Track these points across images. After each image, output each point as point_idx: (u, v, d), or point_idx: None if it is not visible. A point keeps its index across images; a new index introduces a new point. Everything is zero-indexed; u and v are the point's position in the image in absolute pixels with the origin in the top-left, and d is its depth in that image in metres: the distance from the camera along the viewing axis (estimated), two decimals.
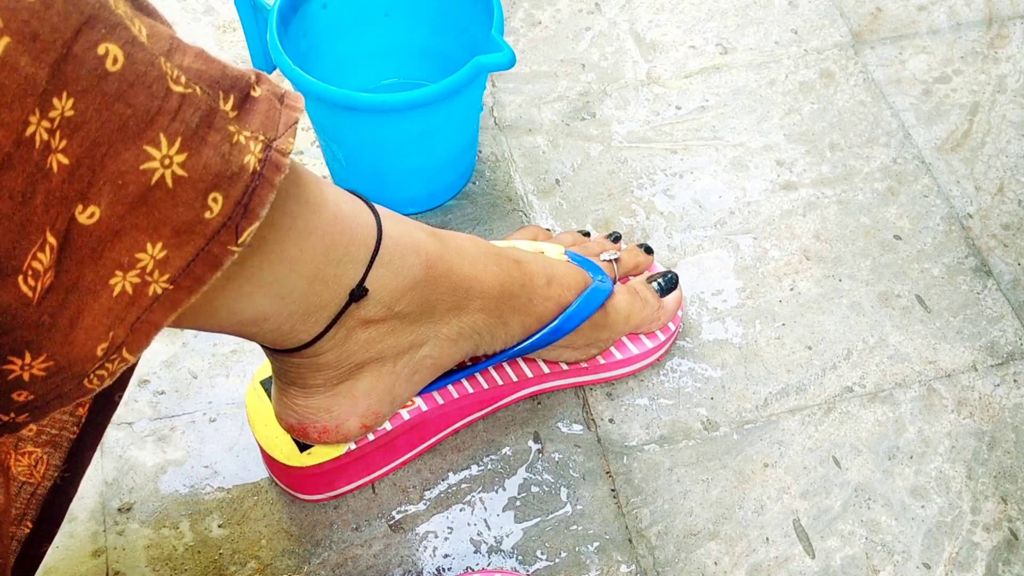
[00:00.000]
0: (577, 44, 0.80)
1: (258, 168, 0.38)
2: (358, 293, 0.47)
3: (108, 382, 0.37)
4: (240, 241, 0.38)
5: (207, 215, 0.37)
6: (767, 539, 0.58)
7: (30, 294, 0.33)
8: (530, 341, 0.57)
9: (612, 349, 0.62)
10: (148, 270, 0.36)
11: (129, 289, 0.36)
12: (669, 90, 0.77)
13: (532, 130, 0.75)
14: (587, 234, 0.66)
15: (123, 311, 0.36)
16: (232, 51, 0.78)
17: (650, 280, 0.63)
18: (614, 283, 0.62)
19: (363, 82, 0.72)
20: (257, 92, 0.39)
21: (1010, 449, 0.61)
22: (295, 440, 0.55)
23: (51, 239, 0.33)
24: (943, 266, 0.69)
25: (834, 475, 0.60)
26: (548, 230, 0.66)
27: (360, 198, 0.49)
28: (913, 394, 0.63)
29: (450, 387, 0.58)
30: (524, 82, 0.78)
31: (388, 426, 0.56)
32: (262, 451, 0.57)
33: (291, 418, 0.53)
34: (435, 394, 0.58)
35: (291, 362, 0.50)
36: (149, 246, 0.36)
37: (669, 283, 0.63)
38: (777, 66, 0.79)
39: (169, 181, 0.35)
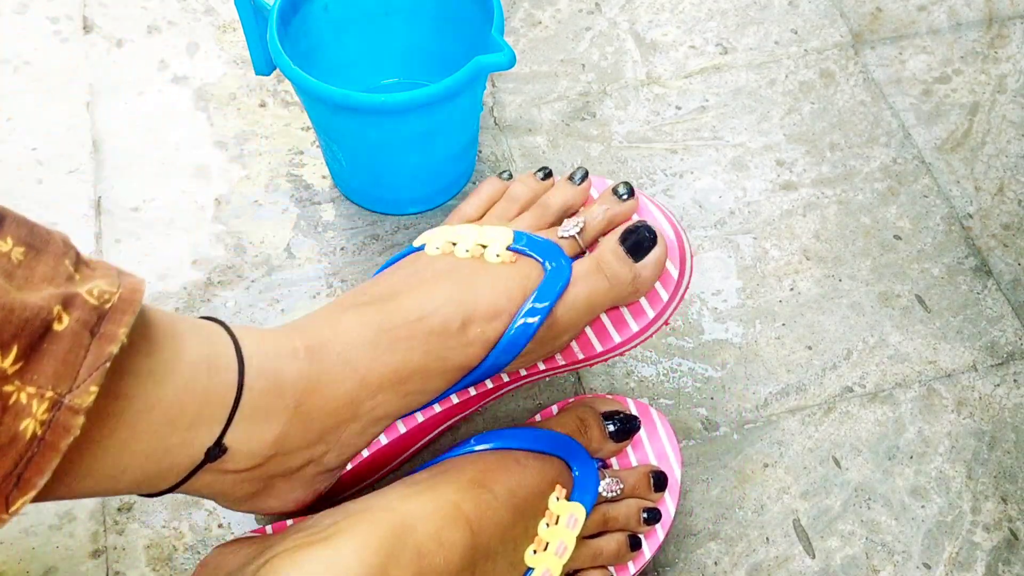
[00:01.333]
0: (577, 44, 0.80)
1: (39, 433, 0.33)
2: (215, 453, 0.43)
3: None
4: (11, 510, 0.33)
5: None
6: (767, 539, 0.58)
7: None
8: (459, 385, 0.52)
9: (590, 335, 0.54)
10: None
11: None
12: (669, 90, 0.77)
13: (532, 130, 0.75)
14: (550, 174, 0.56)
15: None
16: (232, 51, 0.78)
17: (624, 239, 0.52)
18: (575, 261, 0.52)
19: (363, 82, 0.72)
20: (62, 324, 0.34)
21: (1010, 449, 0.61)
22: None
23: None
24: (943, 266, 0.69)
25: (834, 475, 0.60)
26: (510, 177, 0.57)
27: (227, 331, 0.44)
28: (913, 394, 0.63)
29: (398, 423, 0.54)
30: (524, 82, 0.78)
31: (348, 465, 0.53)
32: None
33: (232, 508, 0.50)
34: (416, 415, 0.54)
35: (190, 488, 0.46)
36: None
37: (639, 241, 0.51)
38: (777, 66, 0.79)
39: None
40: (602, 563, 0.53)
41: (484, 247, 0.52)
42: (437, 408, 0.54)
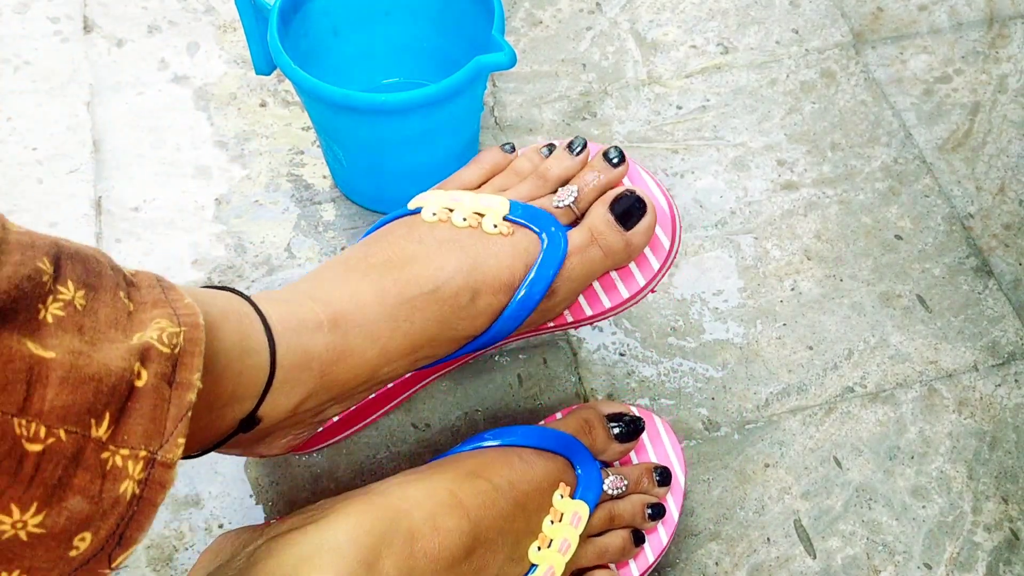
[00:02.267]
0: (578, 44, 0.80)
1: (137, 492, 0.34)
2: (248, 425, 0.44)
3: None
4: (114, 566, 0.34)
5: (72, 553, 0.33)
6: (768, 539, 0.58)
7: None
8: (462, 351, 0.53)
9: (581, 301, 0.55)
10: None
11: None
12: (670, 90, 0.77)
13: (533, 130, 0.75)
14: (553, 147, 0.56)
15: None
16: (232, 51, 0.78)
17: (613, 207, 0.52)
18: (576, 224, 0.53)
19: (363, 82, 0.72)
20: (142, 381, 0.34)
21: (1011, 449, 0.61)
22: None
23: None
24: (944, 266, 0.69)
25: (835, 475, 0.60)
26: (512, 150, 0.57)
27: (254, 308, 0.44)
28: (914, 394, 0.63)
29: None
30: (525, 82, 0.78)
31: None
32: None
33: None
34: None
35: None
36: (4, 574, 0.32)
37: (629, 210, 0.52)
38: (778, 66, 0.79)
39: (24, 537, 0.31)
40: (608, 560, 0.53)
41: (481, 216, 0.52)
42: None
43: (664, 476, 0.55)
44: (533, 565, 0.50)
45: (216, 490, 0.59)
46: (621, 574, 0.54)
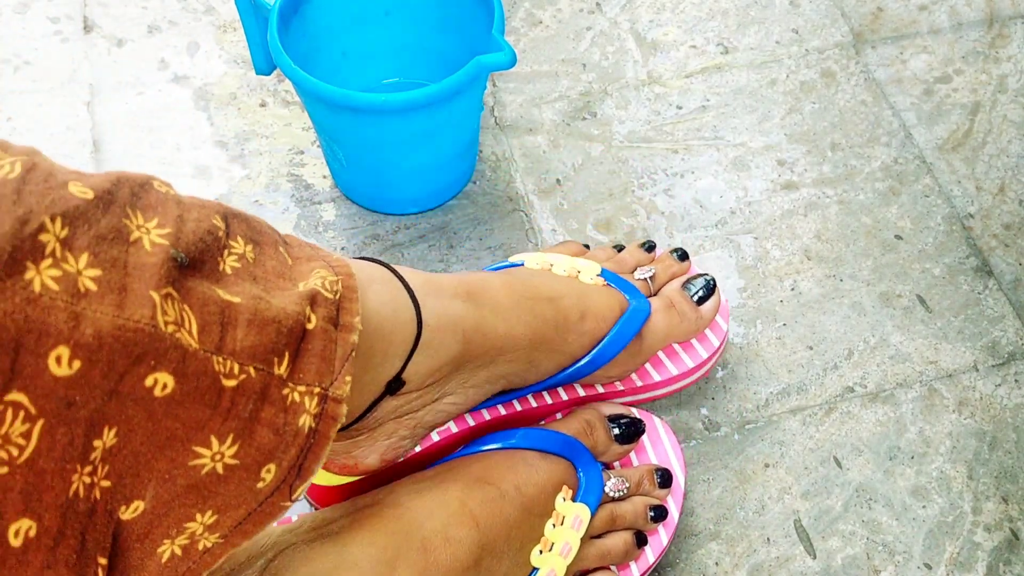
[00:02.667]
0: (578, 44, 0.80)
1: (313, 426, 0.37)
2: (395, 386, 0.46)
3: None
4: (294, 498, 0.37)
5: (259, 485, 0.36)
6: (768, 539, 0.58)
7: None
8: (562, 375, 0.56)
9: (649, 368, 0.60)
10: (197, 534, 0.36)
11: (178, 551, 0.36)
12: (670, 90, 0.77)
13: (533, 130, 0.75)
14: (621, 248, 0.64)
15: (172, 568, 0.36)
16: (232, 51, 0.78)
17: (686, 286, 0.60)
18: (649, 299, 0.60)
19: (363, 82, 0.72)
20: (312, 324, 0.37)
21: (1011, 449, 0.61)
22: None
23: (101, 561, 0.33)
24: (944, 266, 0.69)
25: (835, 475, 0.60)
26: (586, 246, 0.64)
27: (397, 276, 0.47)
28: (914, 394, 0.63)
29: (483, 410, 0.57)
30: (525, 82, 0.78)
31: (417, 447, 0.55)
32: None
33: None
34: (466, 416, 0.56)
35: None
36: (198, 515, 0.35)
37: (707, 290, 0.60)
38: (778, 66, 0.79)
39: (220, 470, 0.35)
40: (610, 562, 0.53)
41: (579, 271, 0.59)
42: (501, 410, 0.57)
43: (665, 478, 0.56)
44: (535, 568, 0.50)
45: None
46: (621, 574, 0.54)
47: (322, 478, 0.54)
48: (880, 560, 0.57)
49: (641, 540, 0.54)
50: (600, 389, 0.59)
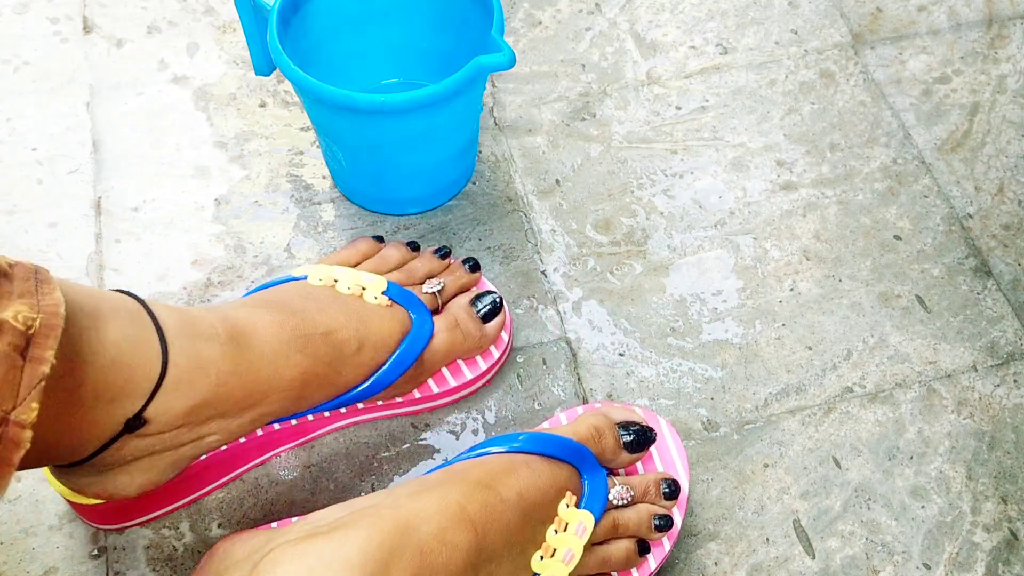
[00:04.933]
0: (577, 44, 0.80)
1: None
2: (134, 425, 0.46)
3: None
4: None
5: None
6: (767, 539, 0.58)
7: None
8: (337, 401, 0.57)
9: (430, 381, 0.61)
10: None
11: None
12: (669, 90, 0.77)
13: (532, 130, 0.75)
14: (415, 246, 0.64)
15: None
16: (232, 51, 0.78)
17: (473, 302, 0.61)
18: (436, 312, 0.60)
19: (363, 82, 0.72)
20: None
21: (1010, 449, 0.61)
22: None
23: None
24: (943, 266, 0.69)
25: (834, 475, 0.60)
26: (381, 241, 0.64)
27: (146, 310, 0.47)
28: (913, 394, 0.63)
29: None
30: (524, 82, 0.78)
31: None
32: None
33: (64, 483, 0.51)
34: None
35: None
36: None
37: (492, 309, 0.61)
38: (777, 66, 0.79)
39: None
40: (610, 569, 0.53)
41: (363, 288, 0.58)
42: (293, 422, 0.58)
43: (672, 489, 0.55)
44: (536, 574, 0.50)
45: (216, 490, 0.59)
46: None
47: (78, 497, 0.53)
48: (879, 560, 0.57)
49: (644, 548, 0.54)
50: (380, 403, 0.60)
